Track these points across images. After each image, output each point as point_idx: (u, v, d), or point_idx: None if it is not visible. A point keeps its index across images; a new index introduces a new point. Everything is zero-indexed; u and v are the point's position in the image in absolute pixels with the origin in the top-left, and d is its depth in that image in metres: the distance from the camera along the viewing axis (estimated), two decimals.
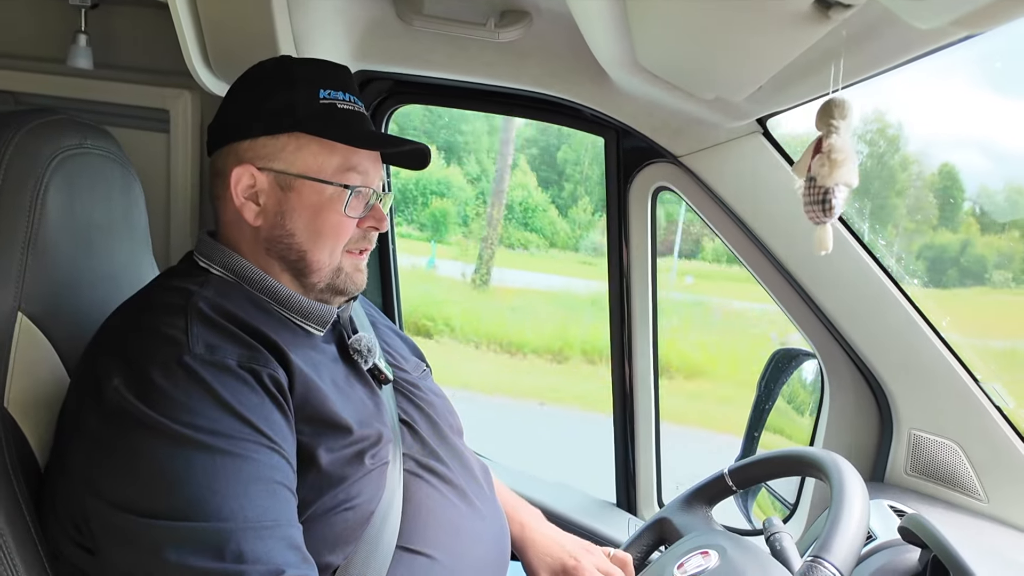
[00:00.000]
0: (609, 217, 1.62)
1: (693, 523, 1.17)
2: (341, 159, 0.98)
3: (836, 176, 0.82)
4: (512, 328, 9.06)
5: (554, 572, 1.18)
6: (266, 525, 0.79)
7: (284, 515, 0.82)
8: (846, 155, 0.82)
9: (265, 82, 1.01)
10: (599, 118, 1.49)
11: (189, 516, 0.77)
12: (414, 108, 1.66)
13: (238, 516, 0.78)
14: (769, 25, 0.83)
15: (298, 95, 0.98)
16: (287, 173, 0.98)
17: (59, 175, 0.99)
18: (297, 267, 1.00)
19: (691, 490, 1.21)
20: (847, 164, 0.82)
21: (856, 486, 0.89)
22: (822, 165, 0.82)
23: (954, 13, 0.64)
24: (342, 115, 1.00)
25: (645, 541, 1.24)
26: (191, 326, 0.88)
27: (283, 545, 0.80)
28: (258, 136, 0.98)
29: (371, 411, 1.00)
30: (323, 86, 0.99)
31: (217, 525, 0.77)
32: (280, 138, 0.98)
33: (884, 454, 1.46)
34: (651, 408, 1.71)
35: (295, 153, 0.98)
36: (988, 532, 1.28)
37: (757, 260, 1.49)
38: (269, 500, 0.81)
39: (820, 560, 0.79)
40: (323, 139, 0.98)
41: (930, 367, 1.37)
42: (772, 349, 1.71)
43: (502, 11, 1.37)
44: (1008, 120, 11.66)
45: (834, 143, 0.82)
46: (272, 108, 0.98)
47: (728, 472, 1.17)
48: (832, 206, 0.84)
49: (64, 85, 1.44)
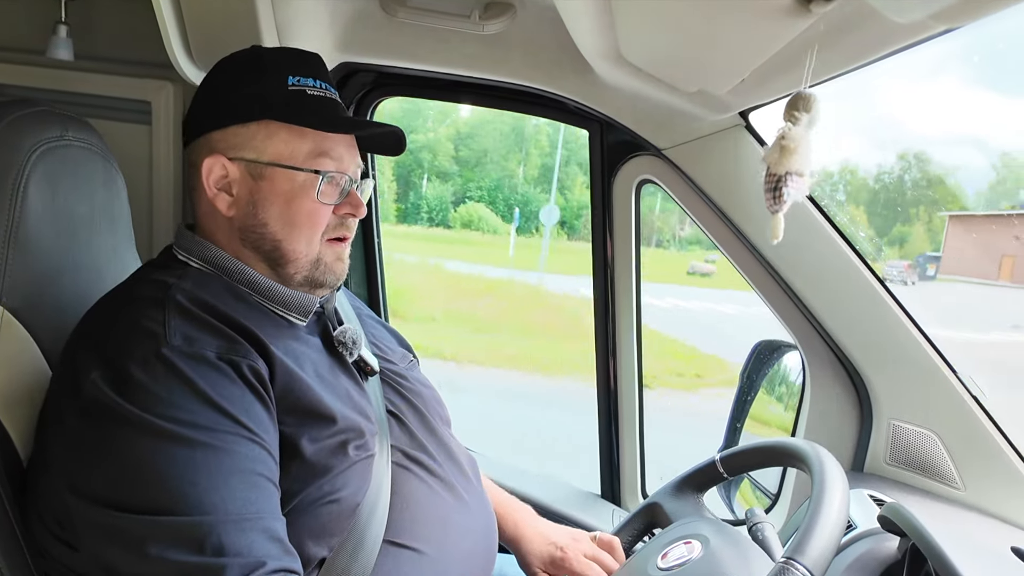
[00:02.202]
0: (593, 210, 1.63)
1: (683, 509, 1.18)
2: (312, 145, 0.98)
3: (785, 163, 0.84)
4: None
5: (544, 564, 1.21)
6: (247, 517, 0.79)
7: (265, 507, 0.82)
8: (797, 144, 0.83)
9: (234, 71, 1.01)
10: (583, 111, 1.50)
11: (169, 510, 0.77)
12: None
13: (219, 509, 0.78)
14: (751, 18, 0.84)
15: (267, 82, 0.98)
16: (258, 162, 0.97)
17: (40, 168, 0.98)
18: (272, 257, 1.00)
19: (682, 476, 1.22)
20: (797, 153, 0.83)
21: (837, 487, 0.90)
22: (773, 152, 0.84)
23: (932, 7, 0.65)
24: (312, 101, 0.99)
25: (636, 526, 1.25)
26: (169, 318, 0.87)
27: (264, 537, 0.80)
28: (228, 126, 0.98)
29: (356, 402, 0.99)
30: (292, 72, 0.99)
31: (197, 519, 0.77)
32: (250, 126, 0.97)
33: (864, 444, 1.48)
34: (635, 400, 1.72)
35: (265, 141, 0.97)
36: (965, 520, 1.31)
37: (739, 252, 1.50)
38: (250, 492, 0.81)
39: (792, 562, 0.80)
40: (293, 125, 0.97)
41: (909, 358, 1.39)
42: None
43: (486, 3, 1.36)
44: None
45: (788, 132, 0.84)
46: (241, 96, 0.98)
47: (719, 459, 1.18)
48: (782, 195, 0.86)
49: (45, 77, 1.42)
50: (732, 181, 1.44)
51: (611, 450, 1.76)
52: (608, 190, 1.59)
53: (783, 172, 0.85)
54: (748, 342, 1.72)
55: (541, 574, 1.21)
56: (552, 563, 1.20)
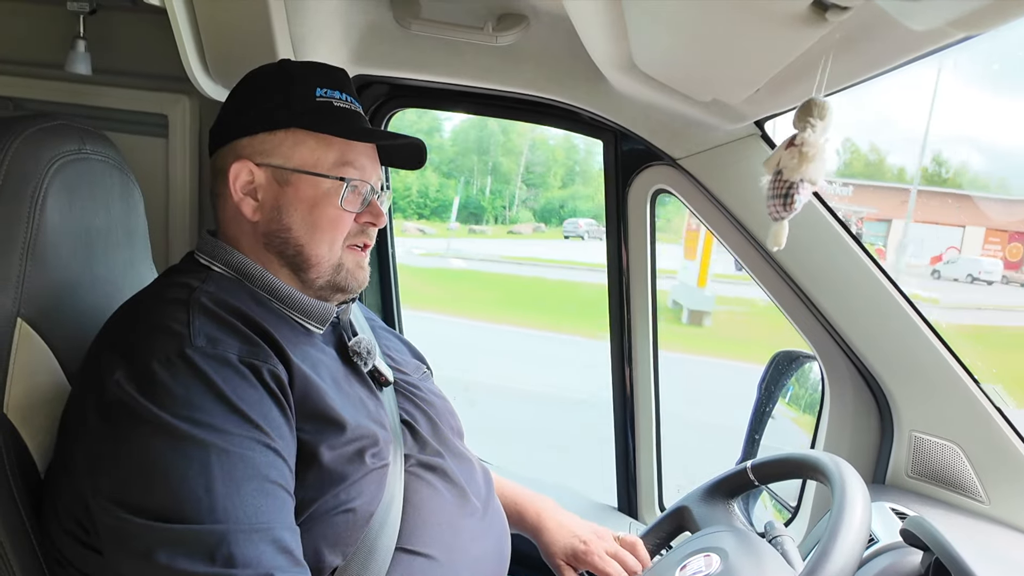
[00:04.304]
0: (608, 220, 1.62)
1: (712, 515, 1.18)
2: (337, 154, 1.00)
3: (804, 171, 0.83)
4: None
5: (567, 556, 1.22)
6: (257, 528, 0.79)
7: (277, 517, 0.82)
8: (817, 152, 0.82)
9: (264, 82, 1.04)
10: (597, 121, 1.49)
11: (180, 517, 0.77)
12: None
13: (231, 517, 0.78)
14: (766, 27, 0.83)
15: (295, 93, 1.00)
16: (284, 168, 0.99)
17: (58, 180, 0.99)
18: (295, 262, 1.01)
19: (713, 481, 1.23)
20: (816, 161, 0.82)
21: (858, 499, 0.89)
22: (792, 158, 0.83)
23: (950, 15, 0.64)
24: (338, 112, 1.02)
25: (664, 529, 1.25)
26: (193, 319, 0.88)
27: (274, 548, 0.80)
28: (256, 133, 1.00)
29: (371, 411, 1.00)
30: (320, 85, 1.02)
31: (209, 527, 0.77)
32: (277, 134, 0.99)
33: (885, 456, 1.46)
34: (652, 411, 1.71)
35: (292, 148, 0.99)
36: (990, 534, 1.28)
37: (757, 262, 1.49)
38: (263, 500, 0.81)
39: None
40: (319, 134, 1.00)
41: (930, 369, 1.37)
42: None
43: (499, 15, 1.37)
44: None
45: (807, 138, 0.83)
46: (270, 105, 1.00)
47: (751, 467, 1.18)
48: (793, 202, 0.85)
49: (63, 91, 1.44)
50: (748, 190, 1.43)
51: (628, 461, 1.75)
52: (623, 200, 1.59)
53: (797, 179, 0.84)
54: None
55: (564, 566, 1.21)
56: (574, 556, 1.21)
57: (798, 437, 1.67)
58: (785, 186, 0.85)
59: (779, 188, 0.86)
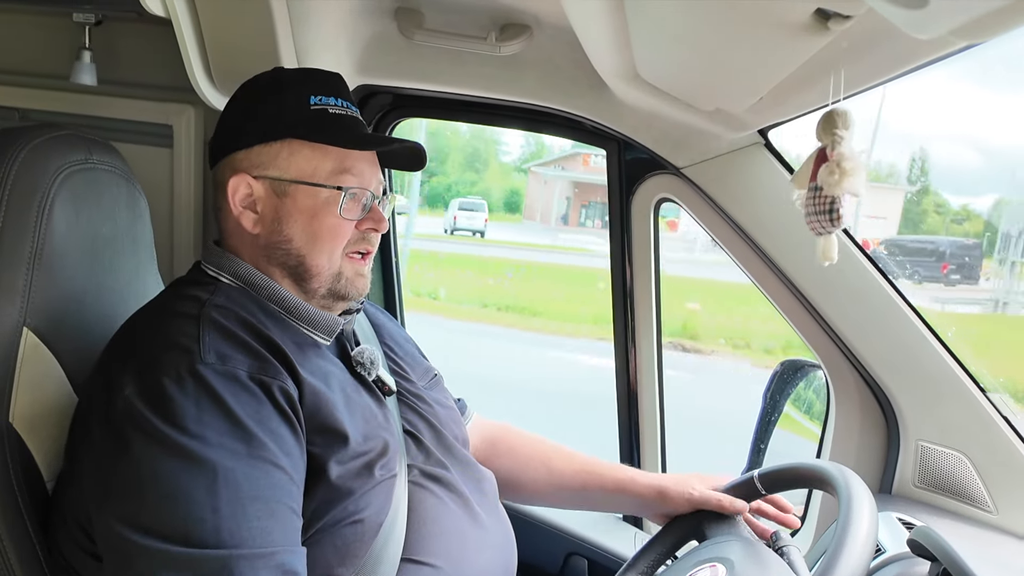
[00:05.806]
0: (612, 229, 1.62)
1: (718, 525, 1.18)
2: (334, 162, 0.99)
3: (846, 185, 0.82)
4: None
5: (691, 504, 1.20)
6: (260, 554, 0.79)
7: (281, 538, 0.81)
8: (856, 164, 0.81)
9: (256, 93, 1.03)
10: (600, 130, 1.50)
11: (186, 539, 0.77)
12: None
13: (235, 540, 0.78)
14: (769, 36, 0.83)
15: (288, 102, 1.00)
16: (282, 179, 0.99)
17: (64, 190, 0.99)
18: (297, 272, 1.01)
19: (721, 490, 1.21)
20: (857, 173, 0.82)
21: (864, 509, 0.88)
22: (831, 173, 0.82)
23: (953, 23, 0.63)
24: (333, 119, 1.00)
25: (671, 538, 1.24)
26: (203, 334, 0.88)
27: (277, 574, 0.79)
28: (252, 145, 1.00)
29: (379, 422, 1.00)
30: (313, 92, 1.01)
31: (212, 552, 0.77)
32: (273, 146, 0.99)
33: (892, 466, 1.45)
34: (656, 422, 1.70)
35: (288, 159, 0.99)
36: (997, 543, 1.27)
37: (761, 271, 1.48)
38: (268, 521, 0.80)
39: None
40: (315, 143, 0.99)
41: (936, 378, 1.36)
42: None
43: (503, 25, 1.37)
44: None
45: (844, 152, 0.82)
46: (264, 117, 1.00)
47: (758, 476, 1.18)
48: (840, 215, 0.84)
49: (69, 101, 1.45)
50: (752, 199, 1.43)
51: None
52: (626, 209, 1.59)
53: (840, 193, 0.83)
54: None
55: (745, 512, 1.18)
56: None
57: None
58: (827, 201, 0.84)
59: (821, 204, 0.85)
